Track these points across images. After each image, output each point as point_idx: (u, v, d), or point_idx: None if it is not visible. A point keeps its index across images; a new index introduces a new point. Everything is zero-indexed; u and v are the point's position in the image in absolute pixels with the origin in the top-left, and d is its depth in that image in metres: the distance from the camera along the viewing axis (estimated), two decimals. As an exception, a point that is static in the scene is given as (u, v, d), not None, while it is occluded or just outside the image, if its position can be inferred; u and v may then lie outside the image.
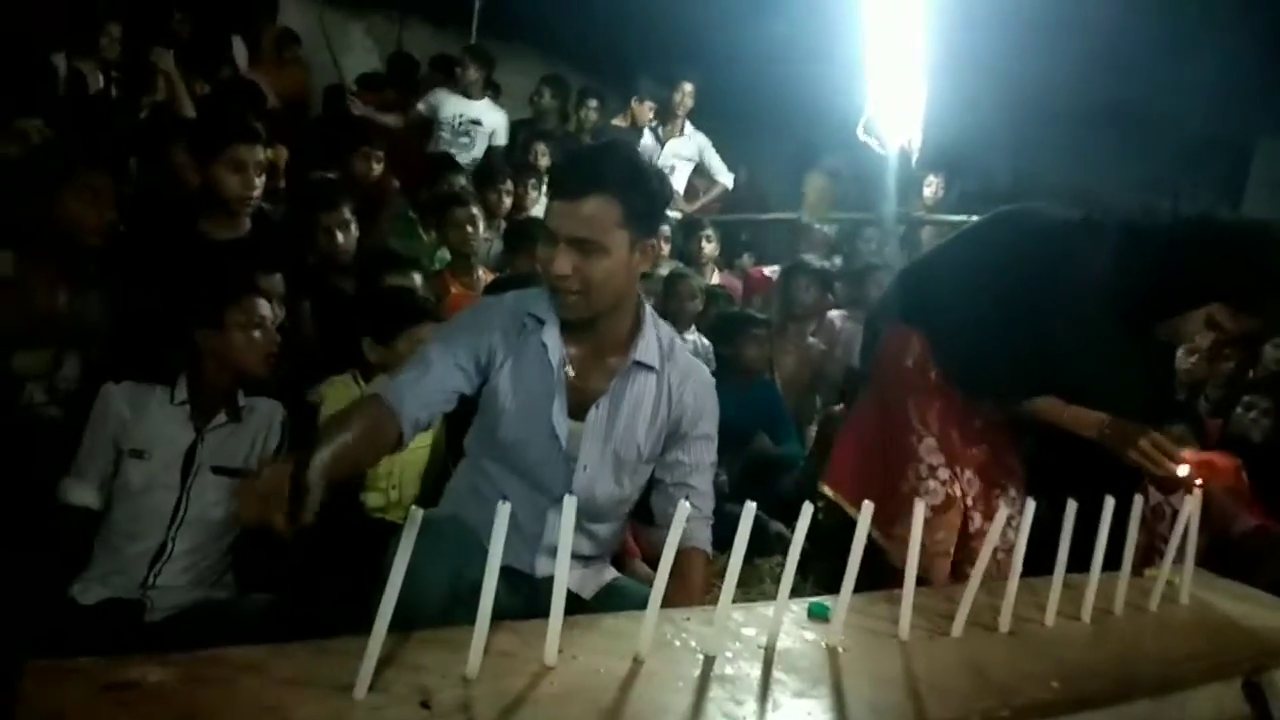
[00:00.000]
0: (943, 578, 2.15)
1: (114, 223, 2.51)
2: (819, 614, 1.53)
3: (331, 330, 2.90)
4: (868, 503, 1.42)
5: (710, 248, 5.19)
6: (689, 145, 5.94)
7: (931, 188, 6.09)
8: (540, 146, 5.31)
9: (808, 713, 1.22)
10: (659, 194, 1.78)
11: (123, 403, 2.11)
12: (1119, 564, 1.74)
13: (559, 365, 1.78)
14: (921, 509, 1.51)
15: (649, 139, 5.79)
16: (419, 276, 3.25)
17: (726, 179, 6.11)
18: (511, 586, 1.70)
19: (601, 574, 1.91)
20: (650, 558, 2.35)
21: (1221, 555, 2.60)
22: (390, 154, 4.36)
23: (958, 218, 5.00)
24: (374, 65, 6.94)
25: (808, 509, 1.35)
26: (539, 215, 3.82)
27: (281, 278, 2.69)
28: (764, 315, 4.10)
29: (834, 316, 4.66)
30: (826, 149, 6.56)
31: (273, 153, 3.48)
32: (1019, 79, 5.33)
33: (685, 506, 1.31)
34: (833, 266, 5.09)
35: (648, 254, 1.76)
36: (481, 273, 3.84)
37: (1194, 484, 1.86)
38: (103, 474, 2.09)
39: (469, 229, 3.78)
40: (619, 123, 6.06)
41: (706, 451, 1.93)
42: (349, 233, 3.20)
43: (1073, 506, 1.58)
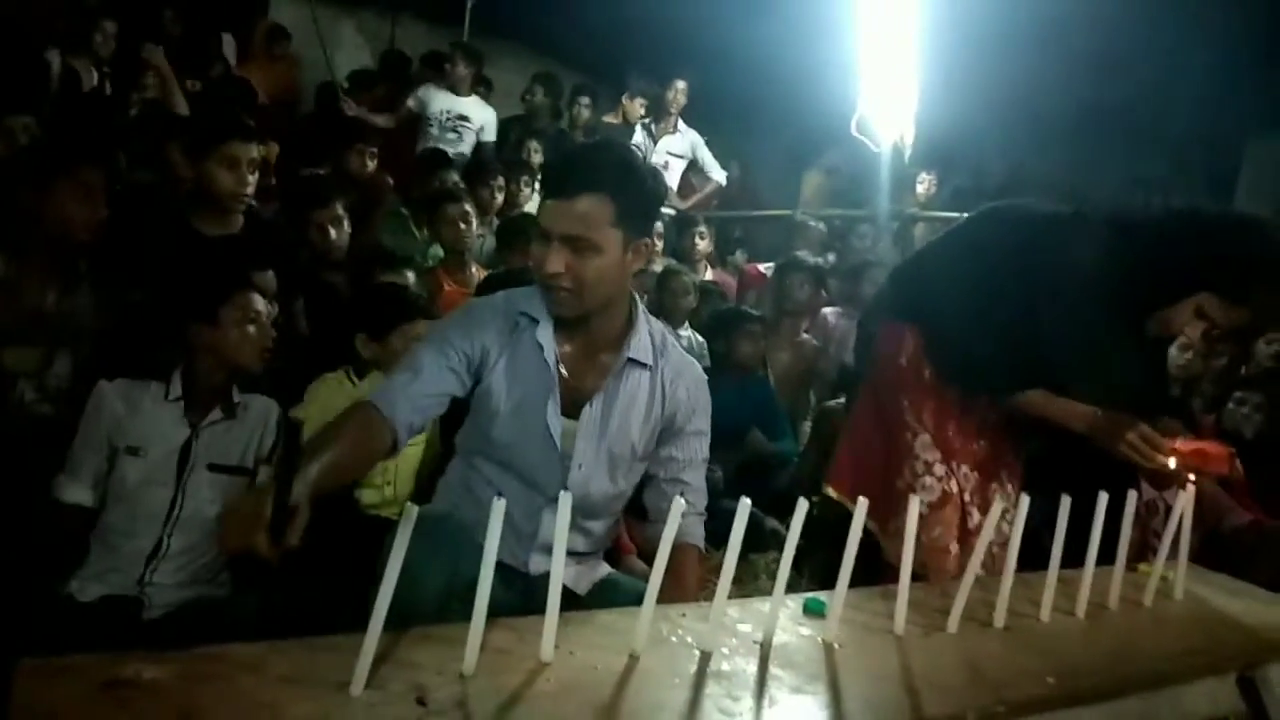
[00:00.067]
0: (944, 573, 2.15)
1: (105, 220, 2.50)
2: (815, 610, 1.53)
3: (324, 327, 2.89)
4: (863, 499, 1.43)
5: (704, 244, 5.20)
6: (682, 142, 5.94)
7: (924, 185, 6.11)
8: (533, 144, 5.32)
9: (804, 708, 1.22)
10: (652, 193, 1.78)
11: (117, 400, 2.10)
12: (1113, 560, 1.74)
13: (554, 364, 1.78)
14: (916, 505, 1.51)
15: (641, 136, 5.79)
16: (411, 274, 3.25)
17: (720, 176, 6.12)
18: (506, 583, 1.69)
19: (596, 569, 1.92)
20: (644, 553, 2.35)
21: (1215, 550, 2.61)
22: (382, 152, 4.36)
23: (950, 214, 5.01)
24: (366, 62, 6.93)
25: (803, 505, 1.35)
26: (532, 212, 3.82)
27: (274, 275, 2.68)
28: (758, 312, 4.11)
29: (828, 313, 4.66)
30: (819, 146, 6.58)
31: (263, 149, 3.47)
32: (1011, 77, 5.35)
33: (680, 503, 1.30)
34: (826, 263, 5.09)
35: (641, 253, 1.76)
36: (475, 269, 3.84)
37: (1187, 479, 1.87)
38: (97, 472, 2.08)
39: (462, 226, 3.78)
40: (610, 120, 6.06)
41: (699, 447, 1.94)
42: (342, 229, 3.20)
43: (1066, 502, 1.58)
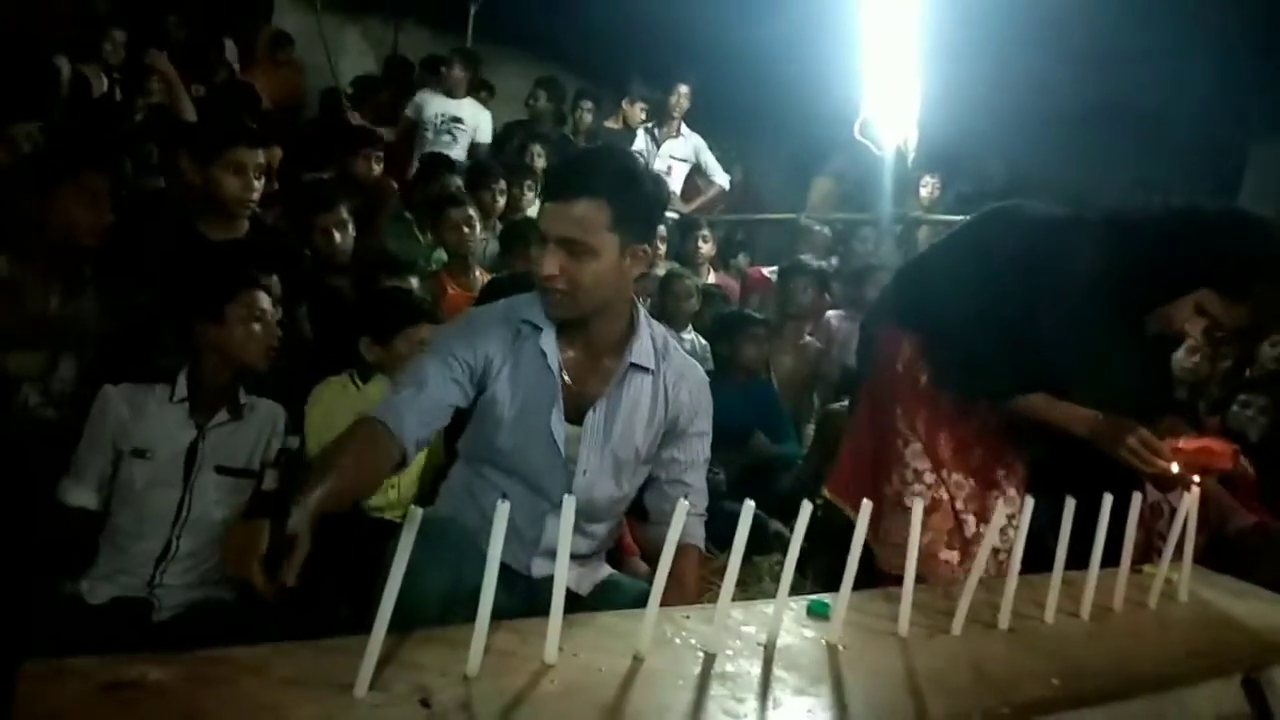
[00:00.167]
0: (935, 579, 2.14)
1: (110, 225, 2.51)
2: (819, 612, 1.53)
3: (328, 331, 2.89)
4: (867, 501, 1.43)
5: (707, 248, 5.20)
6: (685, 146, 5.95)
7: (928, 188, 6.11)
8: (536, 148, 5.33)
9: (808, 710, 1.22)
10: (652, 199, 1.77)
11: (121, 404, 2.10)
12: (1117, 562, 1.74)
13: (557, 370, 1.78)
14: (920, 509, 1.51)
15: (644, 140, 5.80)
16: (415, 280, 3.25)
17: (723, 179, 6.12)
18: (508, 586, 1.69)
19: (597, 571, 1.92)
20: (645, 554, 2.35)
21: (1220, 552, 2.60)
22: (386, 160, 4.37)
23: (954, 218, 5.00)
24: (370, 68, 6.94)
25: (806, 507, 1.35)
26: (534, 216, 3.83)
27: (278, 279, 2.68)
28: (762, 315, 4.11)
29: (831, 316, 4.67)
30: (822, 150, 6.58)
31: (268, 154, 3.48)
32: (1015, 81, 5.35)
33: (684, 505, 1.31)
34: (830, 267, 5.10)
35: (640, 259, 1.76)
36: (478, 273, 3.84)
37: (1191, 481, 1.86)
38: (101, 475, 2.08)
39: (465, 230, 3.78)
40: (611, 125, 6.07)
41: (701, 449, 1.94)
42: (346, 233, 3.20)
43: (1071, 504, 1.58)
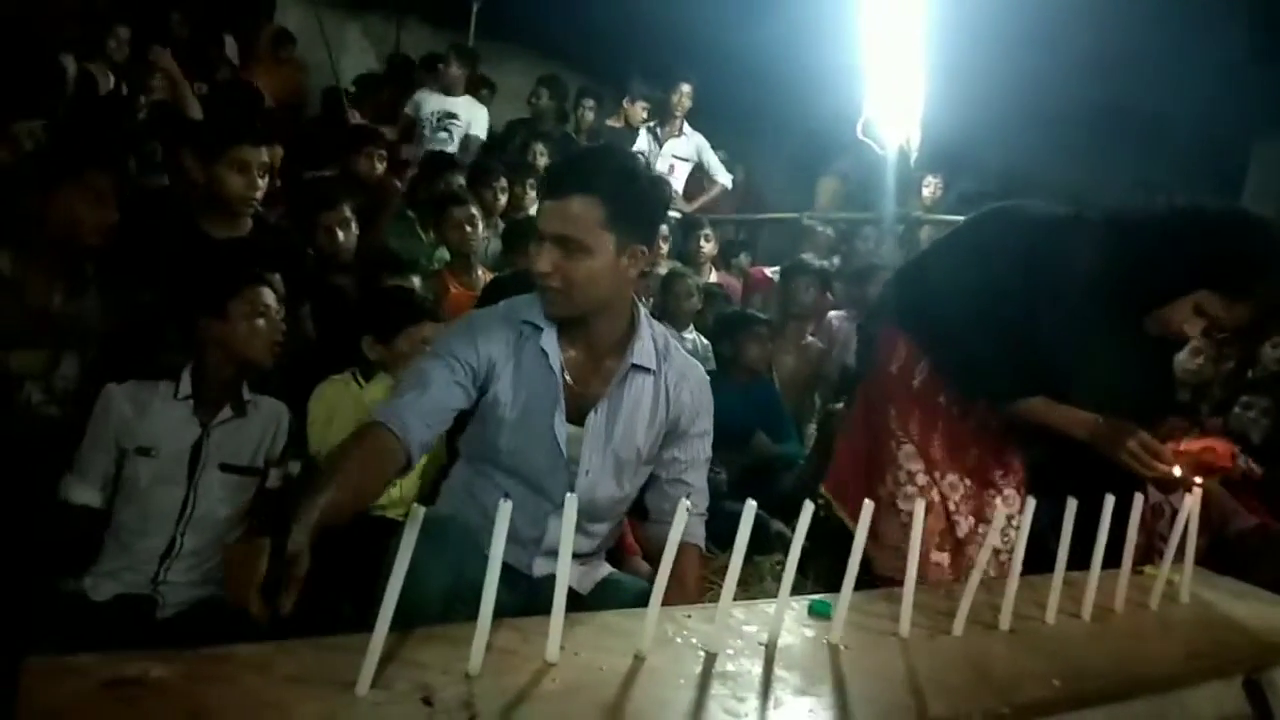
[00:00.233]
0: (926, 581, 2.14)
1: (114, 223, 2.51)
2: (820, 612, 1.53)
3: (331, 329, 2.89)
4: (869, 502, 1.43)
5: (709, 247, 5.20)
6: (687, 145, 5.94)
7: (930, 188, 6.11)
8: (539, 146, 5.32)
9: (809, 710, 1.22)
10: (649, 199, 1.76)
11: (125, 403, 2.10)
12: (1119, 563, 1.74)
13: (559, 371, 1.78)
14: (920, 510, 1.51)
15: (646, 139, 5.80)
16: (417, 279, 3.25)
17: (725, 179, 6.12)
18: (510, 585, 1.69)
19: (598, 569, 1.92)
20: (645, 552, 2.35)
21: (1221, 553, 2.60)
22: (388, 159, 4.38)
23: (956, 218, 4.99)
24: (372, 66, 6.94)
25: (808, 507, 1.35)
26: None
27: (280, 278, 2.68)
28: (764, 315, 4.11)
29: (833, 316, 4.67)
30: (824, 150, 6.57)
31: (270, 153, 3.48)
32: (1017, 80, 5.35)
33: (685, 504, 1.31)
34: (832, 266, 5.10)
35: (638, 259, 1.75)
36: (480, 272, 3.83)
37: (1193, 483, 1.86)
38: (105, 474, 2.08)
39: (467, 229, 3.78)
40: (613, 124, 6.07)
41: (702, 448, 1.94)
42: (349, 232, 3.20)
43: (1072, 505, 1.58)
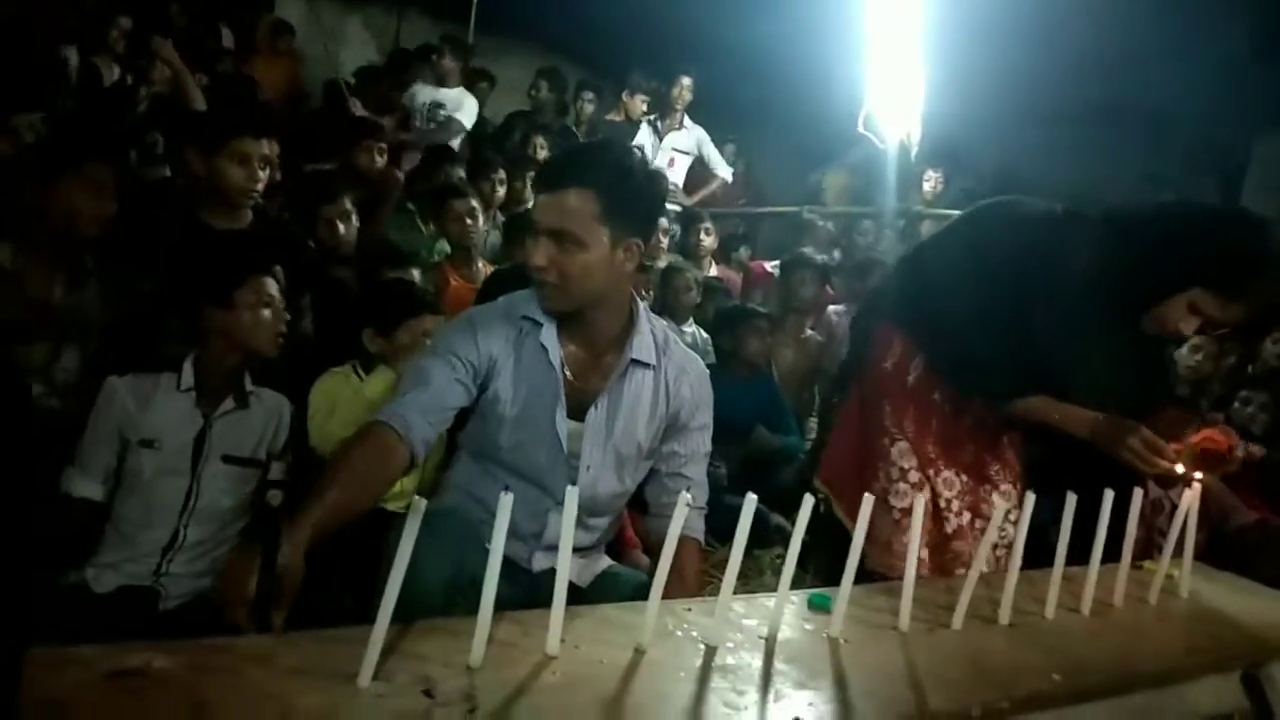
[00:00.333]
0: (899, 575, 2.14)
1: (114, 215, 2.50)
2: (820, 605, 1.53)
3: (331, 322, 2.89)
4: (868, 495, 1.43)
5: (709, 240, 5.20)
6: (688, 139, 5.93)
7: (931, 182, 6.11)
8: (539, 139, 5.32)
9: (809, 703, 1.22)
10: (645, 193, 1.75)
11: (127, 396, 2.09)
12: (1118, 557, 1.74)
13: (559, 366, 1.78)
14: (920, 506, 1.52)
15: (647, 133, 5.79)
16: (418, 272, 3.25)
17: (725, 172, 6.12)
18: (510, 578, 1.69)
19: (597, 562, 1.93)
20: (645, 546, 2.36)
21: (1221, 548, 2.61)
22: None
23: (956, 213, 4.99)
24: (372, 58, 6.93)
25: (808, 501, 1.35)
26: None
27: (281, 270, 2.68)
28: (764, 309, 4.11)
29: (832, 310, 4.67)
30: (824, 143, 6.56)
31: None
32: (1019, 76, 5.35)
33: (686, 497, 1.31)
34: (832, 260, 5.09)
35: (633, 252, 1.75)
36: (481, 264, 3.83)
37: (1193, 478, 1.87)
38: (106, 467, 2.08)
39: (468, 221, 3.77)
40: (614, 117, 6.05)
41: (702, 441, 1.94)
42: (350, 224, 3.20)
43: (1072, 499, 1.58)
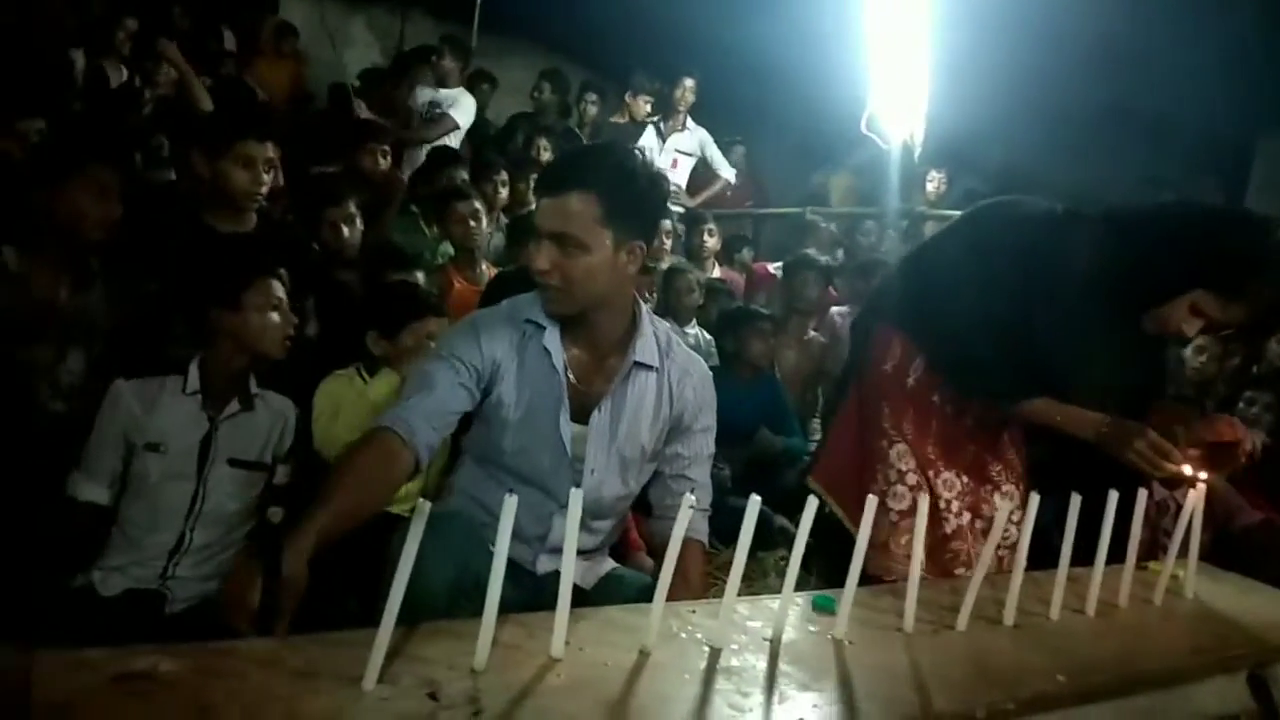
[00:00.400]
0: (900, 578, 2.13)
1: (119, 218, 2.51)
2: (824, 607, 1.54)
3: (336, 325, 2.89)
4: (872, 497, 1.43)
5: (712, 241, 5.19)
6: (691, 140, 5.93)
7: (934, 183, 6.11)
8: (542, 141, 5.31)
9: (813, 704, 1.23)
10: (647, 195, 1.75)
11: (133, 400, 2.09)
12: (1123, 558, 1.74)
13: (562, 370, 1.78)
14: (924, 507, 1.52)
15: (651, 135, 5.79)
16: (421, 274, 3.25)
17: (728, 173, 6.12)
18: (514, 581, 1.69)
19: (601, 564, 1.93)
20: (651, 548, 2.36)
21: (1226, 549, 2.60)
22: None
23: (960, 213, 4.99)
24: (376, 60, 6.95)
25: (812, 502, 1.35)
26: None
27: (286, 273, 2.68)
28: (767, 310, 4.11)
29: (835, 311, 4.66)
30: (828, 145, 6.56)
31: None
32: (1022, 76, 5.33)
33: (689, 499, 1.32)
34: (835, 262, 5.09)
35: (636, 255, 1.75)
36: (485, 267, 3.82)
37: (1197, 479, 1.86)
38: (112, 471, 2.07)
39: (471, 223, 3.76)
40: (617, 120, 6.05)
41: (706, 443, 1.94)
42: (354, 227, 3.20)
43: (1076, 500, 1.58)
